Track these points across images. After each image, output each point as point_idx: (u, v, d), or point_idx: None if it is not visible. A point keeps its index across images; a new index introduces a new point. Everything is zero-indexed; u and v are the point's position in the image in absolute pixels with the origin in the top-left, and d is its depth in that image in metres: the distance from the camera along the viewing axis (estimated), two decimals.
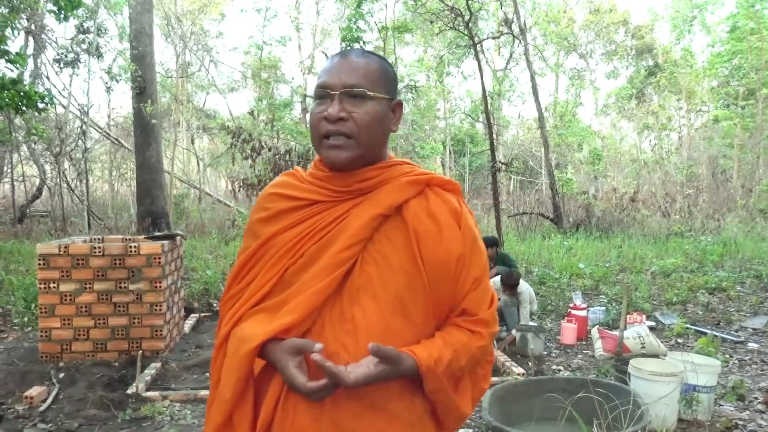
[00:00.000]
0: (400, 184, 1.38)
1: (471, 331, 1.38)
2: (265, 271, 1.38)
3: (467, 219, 1.41)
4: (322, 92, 1.36)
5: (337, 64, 1.38)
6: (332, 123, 1.33)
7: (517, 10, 15.55)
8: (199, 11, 22.05)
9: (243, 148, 11.13)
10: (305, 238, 1.36)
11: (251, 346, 1.30)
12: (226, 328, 1.39)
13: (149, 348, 5.23)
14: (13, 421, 4.05)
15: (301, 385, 1.24)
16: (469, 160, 25.56)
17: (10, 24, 8.58)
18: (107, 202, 18.74)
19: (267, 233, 1.40)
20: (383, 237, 1.35)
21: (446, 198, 1.41)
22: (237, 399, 1.34)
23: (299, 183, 1.44)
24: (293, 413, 1.31)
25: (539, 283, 8.60)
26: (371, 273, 1.33)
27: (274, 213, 1.41)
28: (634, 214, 15.68)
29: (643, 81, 26.40)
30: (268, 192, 1.47)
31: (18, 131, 13.91)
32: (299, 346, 1.28)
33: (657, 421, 3.68)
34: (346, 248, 1.32)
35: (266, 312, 1.35)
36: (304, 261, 1.35)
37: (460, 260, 1.36)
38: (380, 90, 1.37)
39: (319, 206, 1.39)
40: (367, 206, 1.36)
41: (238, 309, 1.39)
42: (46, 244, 5.26)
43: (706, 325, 6.59)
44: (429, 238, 1.34)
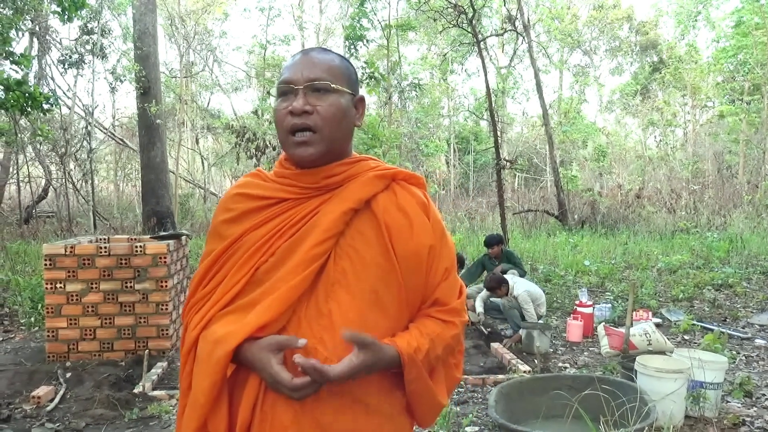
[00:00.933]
0: (369, 179, 1.38)
1: (444, 321, 1.39)
2: (234, 271, 1.36)
3: (435, 212, 1.43)
4: (285, 88, 1.36)
5: (299, 60, 1.38)
6: (297, 116, 1.33)
7: (520, 6, 15.51)
8: (202, 11, 22.08)
9: (247, 147, 11.15)
10: (275, 236, 1.35)
11: (228, 348, 1.27)
12: (195, 332, 1.35)
13: (155, 347, 5.25)
14: (20, 420, 4.07)
15: (286, 382, 1.23)
16: (473, 158, 25.56)
17: (14, 25, 8.61)
18: (112, 202, 18.82)
19: (234, 234, 1.38)
20: (354, 231, 1.35)
21: (413, 192, 1.43)
22: (212, 404, 1.30)
23: (264, 182, 1.43)
24: (272, 414, 1.29)
25: (545, 281, 8.59)
26: (345, 267, 1.33)
27: (240, 213, 1.40)
28: (640, 211, 15.64)
29: (648, 77, 26.34)
30: (231, 193, 1.45)
31: (23, 132, 13.96)
32: (281, 342, 1.26)
33: (664, 418, 3.67)
34: (319, 243, 1.32)
35: (237, 313, 1.33)
36: (276, 259, 1.34)
37: (432, 251, 1.37)
38: (343, 84, 1.38)
39: (287, 204, 1.38)
40: (337, 201, 1.36)
41: (207, 312, 1.35)
42: (52, 245, 5.28)
43: (712, 322, 6.57)
44: (400, 231, 1.35)
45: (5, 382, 4.65)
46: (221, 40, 25.90)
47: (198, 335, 1.34)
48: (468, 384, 4.74)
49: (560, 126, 22.81)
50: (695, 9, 26.16)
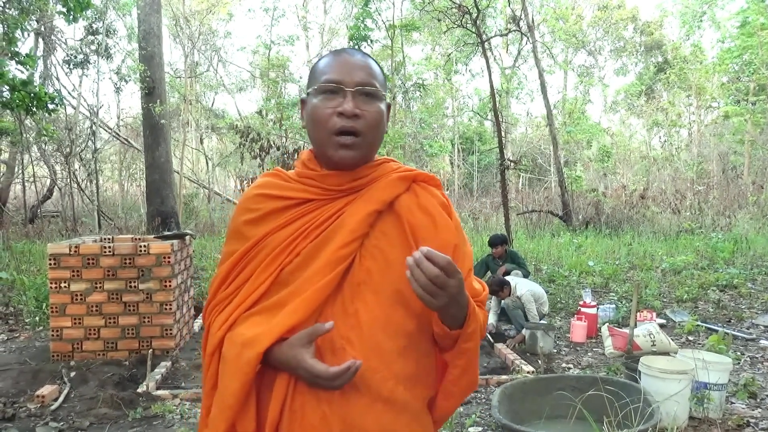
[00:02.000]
0: (391, 180, 1.39)
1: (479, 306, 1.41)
2: (258, 272, 1.36)
3: (454, 212, 1.45)
4: (333, 87, 1.35)
5: (345, 61, 1.38)
6: (347, 118, 1.33)
7: (525, 7, 15.50)
8: (207, 11, 22.12)
9: (251, 147, 11.16)
10: (300, 237, 1.35)
11: (259, 349, 1.27)
12: (220, 333, 1.35)
13: (159, 347, 5.26)
14: (25, 419, 4.09)
15: (323, 372, 1.23)
16: (477, 158, 25.54)
17: (20, 26, 8.64)
18: (117, 202, 18.85)
19: (257, 234, 1.38)
20: (378, 232, 1.36)
21: (433, 192, 1.44)
22: (241, 405, 1.31)
23: (285, 183, 1.43)
24: (301, 413, 1.30)
25: (549, 281, 8.58)
26: (370, 267, 1.34)
27: (263, 214, 1.39)
28: (644, 211, 15.60)
29: (653, 77, 26.29)
30: (252, 194, 1.44)
31: (28, 132, 14.01)
32: (309, 334, 1.27)
33: (668, 419, 3.66)
34: (346, 245, 1.33)
35: (263, 314, 1.33)
36: (301, 260, 1.34)
37: (456, 250, 1.38)
38: (383, 90, 1.40)
39: (311, 205, 1.38)
40: (362, 203, 1.37)
41: (231, 313, 1.36)
42: (56, 244, 5.29)
43: (717, 323, 6.55)
44: (424, 230, 1.36)
45: (10, 381, 4.66)
46: (226, 40, 25.95)
47: (223, 336, 1.34)
48: None
49: (564, 126, 22.77)
50: (700, 9, 26.11)
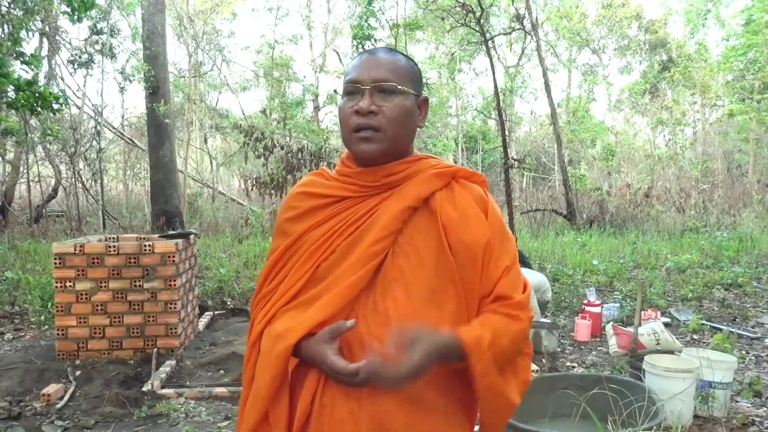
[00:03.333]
0: (427, 177, 1.41)
1: (508, 315, 1.36)
2: (296, 268, 1.40)
3: (494, 208, 1.43)
4: (352, 88, 1.38)
5: (365, 61, 1.40)
6: (363, 116, 1.36)
7: (528, 5, 15.47)
8: (211, 11, 22.14)
9: (255, 146, 11.18)
10: (336, 233, 1.38)
11: (288, 343, 1.31)
12: (259, 327, 1.40)
13: (164, 346, 5.27)
14: (30, 418, 4.10)
15: (343, 368, 1.25)
16: (481, 157, 25.51)
17: (24, 26, 8.66)
18: (122, 202, 18.89)
19: (297, 231, 1.42)
20: (412, 229, 1.38)
21: (472, 188, 1.44)
22: (273, 397, 1.35)
23: (326, 181, 1.47)
24: (331, 408, 1.32)
25: (553, 280, 8.56)
26: (402, 265, 1.35)
27: (303, 211, 1.44)
28: (649, 210, 15.56)
29: (657, 76, 26.21)
30: (295, 191, 1.49)
31: (33, 132, 14.04)
32: (333, 331, 1.29)
33: (672, 417, 3.65)
34: (378, 241, 1.34)
35: (298, 308, 1.37)
36: (336, 256, 1.37)
37: (489, 246, 1.37)
38: (407, 85, 1.40)
39: (348, 202, 1.41)
40: (397, 199, 1.38)
41: (271, 307, 1.40)
42: (61, 244, 5.31)
43: (721, 322, 6.54)
44: (455, 227, 1.37)
45: (16, 380, 4.68)
46: (229, 39, 25.99)
47: (262, 330, 1.39)
48: None
49: (568, 125, 22.72)
50: (705, 7, 25.99)
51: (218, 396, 4.44)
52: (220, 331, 6.31)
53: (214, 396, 4.43)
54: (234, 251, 10.37)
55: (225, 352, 5.32)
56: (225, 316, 6.93)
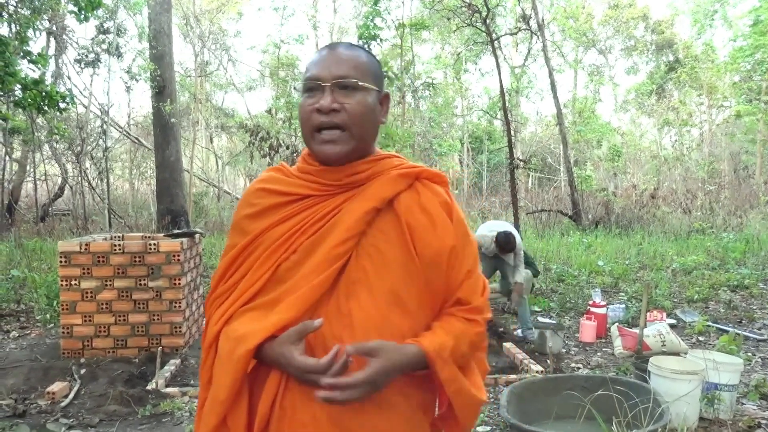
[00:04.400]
0: (392, 178, 1.37)
1: (468, 320, 1.38)
2: (256, 267, 1.35)
3: (458, 211, 1.42)
4: (312, 84, 1.34)
5: (325, 56, 1.36)
6: (325, 114, 1.32)
7: (535, 5, 15.44)
8: (217, 10, 22.19)
9: (261, 146, 11.18)
10: (297, 232, 1.35)
11: (249, 346, 1.27)
12: (216, 328, 1.35)
13: (169, 344, 5.28)
14: (35, 416, 4.11)
15: (314, 366, 1.22)
16: (486, 158, 25.49)
17: (32, 25, 8.70)
18: (127, 201, 18.96)
19: (256, 229, 1.38)
20: (376, 231, 1.34)
21: (436, 191, 1.41)
22: (232, 400, 1.31)
23: (287, 178, 1.42)
24: (291, 411, 1.29)
25: (558, 281, 8.55)
26: (366, 266, 1.32)
27: (263, 208, 1.39)
28: (655, 211, 15.52)
29: (664, 76, 26.13)
30: (255, 188, 1.44)
31: (40, 131, 14.11)
32: (299, 332, 1.26)
33: (678, 419, 3.64)
34: (342, 243, 1.31)
35: (259, 309, 1.33)
36: (298, 256, 1.33)
37: (453, 251, 1.36)
38: (369, 81, 1.36)
39: (310, 200, 1.37)
40: (360, 200, 1.35)
41: (228, 308, 1.36)
42: (67, 242, 5.32)
43: (728, 323, 6.50)
44: (422, 231, 1.34)
45: (21, 378, 4.69)
46: (235, 39, 26.05)
47: (219, 330, 1.35)
48: None
49: (574, 126, 22.68)
50: (712, 8, 25.92)
51: None
52: None
53: None
54: None
55: None
56: None
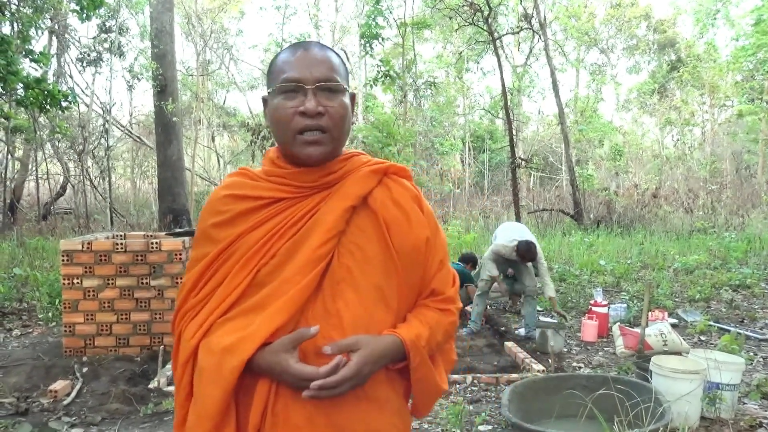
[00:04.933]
0: (364, 175, 1.37)
1: (441, 310, 1.41)
2: (232, 275, 1.31)
3: (426, 204, 1.44)
4: (292, 86, 1.31)
5: (302, 57, 1.33)
6: (311, 118, 1.30)
7: (536, 5, 15.43)
8: (219, 9, 22.19)
9: (263, 145, 11.20)
10: (275, 236, 1.32)
11: (242, 357, 1.23)
12: (193, 342, 1.30)
13: (171, 343, 5.26)
14: (38, 414, 4.12)
15: (313, 374, 1.21)
16: (488, 157, 25.48)
17: (34, 24, 8.71)
18: (129, 200, 18.98)
19: (228, 236, 1.34)
20: (355, 228, 1.34)
21: (405, 185, 1.43)
22: (222, 414, 1.27)
23: (254, 182, 1.39)
24: (284, 416, 1.27)
25: (560, 280, 8.55)
26: (350, 265, 1.32)
27: (233, 215, 1.35)
28: (656, 211, 15.51)
29: (666, 76, 26.10)
30: (220, 195, 1.39)
31: (42, 130, 14.12)
32: (294, 339, 1.24)
33: (679, 418, 3.64)
34: (324, 243, 1.30)
35: (240, 318, 1.29)
36: (278, 260, 1.31)
37: (428, 243, 1.39)
38: (344, 82, 1.36)
39: (284, 203, 1.35)
40: (337, 199, 1.34)
41: (205, 319, 1.31)
42: (69, 241, 5.33)
43: (729, 323, 6.50)
44: (398, 226, 1.36)
45: (23, 376, 4.70)
46: (237, 38, 26.04)
47: (197, 344, 1.30)
48: (481, 383, 4.73)
49: (576, 125, 22.67)
50: (714, 7, 25.86)
51: None
52: None
53: None
54: None
55: None
56: None
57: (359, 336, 1.27)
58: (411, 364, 1.33)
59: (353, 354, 1.24)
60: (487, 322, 6.58)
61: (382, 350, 1.28)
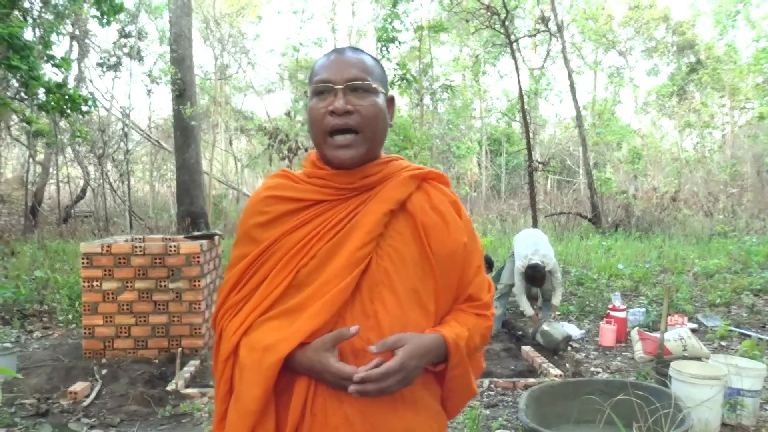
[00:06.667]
0: (403, 179, 1.39)
1: (478, 315, 1.43)
2: (273, 275, 1.34)
3: (463, 209, 1.47)
4: (323, 87, 1.34)
5: (334, 60, 1.37)
6: (339, 116, 1.32)
7: (554, 7, 15.35)
8: (236, 14, 22.34)
9: (280, 148, 11.24)
10: (315, 238, 1.34)
11: (280, 355, 1.26)
12: (234, 339, 1.33)
13: (188, 346, 5.32)
14: (58, 415, 4.17)
15: (352, 372, 1.23)
16: (505, 160, 25.37)
17: (55, 30, 8.83)
18: (148, 203, 19.15)
19: (269, 237, 1.37)
20: (393, 231, 1.36)
21: (443, 191, 1.45)
22: (262, 411, 1.29)
23: (295, 184, 1.42)
24: (323, 416, 1.29)
25: (577, 284, 8.49)
26: (388, 268, 1.34)
27: (274, 217, 1.38)
28: (676, 214, 15.34)
29: (685, 78, 25.82)
30: (262, 196, 1.43)
31: (63, 134, 14.30)
32: (335, 338, 1.27)
33: (699, 425, 3.60)
34: (363, 246, 1.32)
35: (281, 318, 1.32)
36: (317, 262, 1.33)
37: (466, 248, 1.40)
38: (378, 83, 1.37)
39: (324, 205, 1.37)
40: (377, 202, 1.36)
41: (245, 317, 1.34)
42: (89, 244, 5.39)
43: (750, 328, 6.42)
44: (436, 230, 1.37)
45: (44, 378, 4.76)
46: (255, 42, 26.21)
47: (238, 342, 1.33)
48: (498, 387, 4.71)
49: (594, 128, 22.50)
50: (734, 8, 25.57)
51: None
52: None
53: None
54: None
55: None
56: None
57: (402, 334, 1.28)
58: (450, 362, 1.34)
59: (397, 350, 1.26)
60: (504, 326, 6.55)
61: (427, 346, 1.30)
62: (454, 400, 1.46)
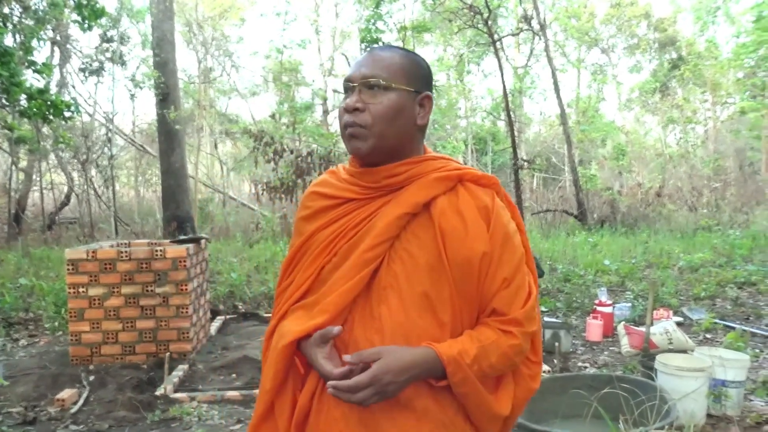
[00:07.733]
0: (429, 181, 1.37)
1: (502, 331, 1.34)
2: (304, 268, 1.42)
3: (499, 216, 1.37)
4: (345, 85, 1.40)
5: (361, 58, 1.41)
6: (350, 113, 1.36)
7: (536, 6, 15.45)
8: (219, 17, 22.25)
9: (265, 151, 11.24)
10: (339, 236, 1.39)
11: (285, 342, 1.36)
12: (273, 322, 1.46)
13: (176, 350, 5.30)
14: (45, 423, 4.14)
15: (329, 373, 1.27)
16: (491, 159, 25.46)
17: (36, 35, 8.76)
18: (133, 208, 19.03)
19: (308, 231, 1.44)
20: (410, 235, 1.35)
21: (478, 194, 1.38)
22: (277, 390, 1.40)
23: (337, 181, 1.47)
24: (327, 406, 1.35)
25: (564, 281, 8.54)
26: (397, 271, 1.34)
27: (314, 211, 1.45)
28: (660, 209, 15.49)
29: (667, 74, 26.04)
30: (310, 191, 1.51)
31: (46, 140, 14.18)
32: (321, 335, 1.31)
33: (685, 416, 3.63)
34: (371, 248, 1.34)
35: (304, 309, 1.40)
36: (338, 259, 1.38)
37: (485, 258, 1.33)
38: (402, 81, 1.36)
39: (352, 204, 1.41)
40: (394, 205, 1.36)
41: (284, 304, 1.45)
42: (74, 250, 5.35)
43: (735, 320, 6.49)
44: (454, 236, 1.33)
45: (31, 386, 4.72)
46: (238, 45, 26.11)
47: (275, 325, 1.44)
48: None
49: (578, 125, 22.65)
50: (714, 4, 25.82)
51: (230, 399, 4.46)
52: (231, 335, 6.34)
53: (227, 399, 4.46)
54: (245, 256, 10.41)
55: (237, 356, 5.34)
56: (237, 320, 6.95)
57: (385, 347, 1.28)
58: (451, 380, 1.30)
59: (375, 363, 1.25)
60: None
61: (409, 361, 1.26)
62: (477, 420, 1.38)
